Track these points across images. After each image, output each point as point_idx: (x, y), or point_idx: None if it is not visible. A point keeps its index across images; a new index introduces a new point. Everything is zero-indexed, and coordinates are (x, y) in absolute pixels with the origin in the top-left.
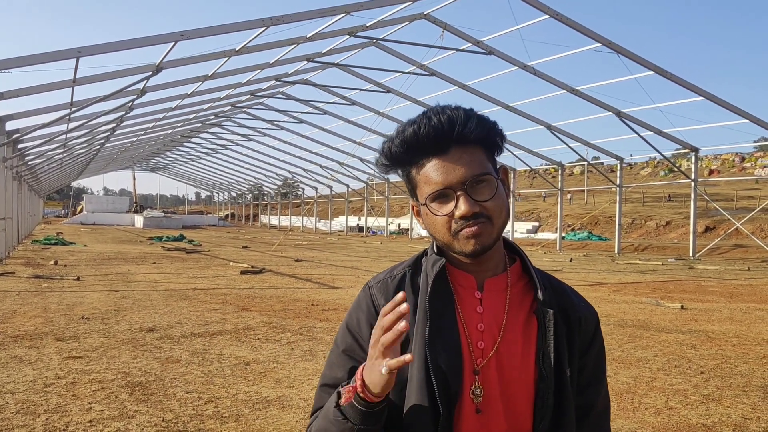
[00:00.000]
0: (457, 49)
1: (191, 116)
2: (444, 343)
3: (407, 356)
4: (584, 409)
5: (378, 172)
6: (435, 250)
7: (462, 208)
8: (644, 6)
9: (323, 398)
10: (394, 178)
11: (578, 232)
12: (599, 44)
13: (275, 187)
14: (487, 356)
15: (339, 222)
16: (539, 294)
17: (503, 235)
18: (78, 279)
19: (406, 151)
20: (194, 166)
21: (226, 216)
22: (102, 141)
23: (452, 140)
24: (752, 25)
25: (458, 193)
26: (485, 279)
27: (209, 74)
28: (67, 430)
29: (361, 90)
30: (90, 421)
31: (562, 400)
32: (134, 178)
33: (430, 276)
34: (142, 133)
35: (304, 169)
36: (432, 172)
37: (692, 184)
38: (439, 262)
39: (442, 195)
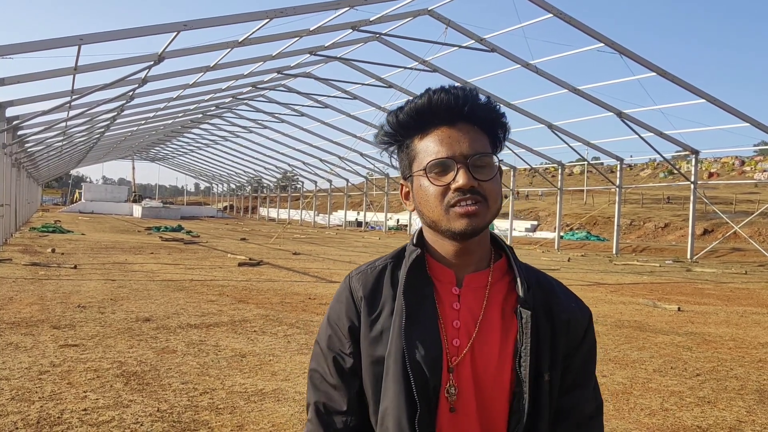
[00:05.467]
0: (460, 46)
1: (192, 107)
2: (422, 336)
3: None
4: (568, 411)
5: (376, 144)
6: (414, 242)
7: (460, 180)
8: (647, 8)
9: (316, 392)
10: (394, 173)
11: (577, 231)
12: (602, 44)
13: (274, 179)
14: (461, 354)
15: (338, 216)
16: (520, 293)
17: (491, 231)
18: (75, 267)
19: (415, 118)
20: (194, 156)
21: (225, 208)
22: (102, 130)
23: (462, 114)
24: (755, 29)
25: (459, 165)
26: (465, 275)
27: (211, 65)
28: (61, 417)
29: (362, 84)
30: (84, 410)
31: (538, 405)
32: (133, 168)
33: (405, 267)
34: (143, 122)
35: (303, 163)
36: (436, 141)
37: (692, 186)
38: (416, 252)
39: (443, 165)
